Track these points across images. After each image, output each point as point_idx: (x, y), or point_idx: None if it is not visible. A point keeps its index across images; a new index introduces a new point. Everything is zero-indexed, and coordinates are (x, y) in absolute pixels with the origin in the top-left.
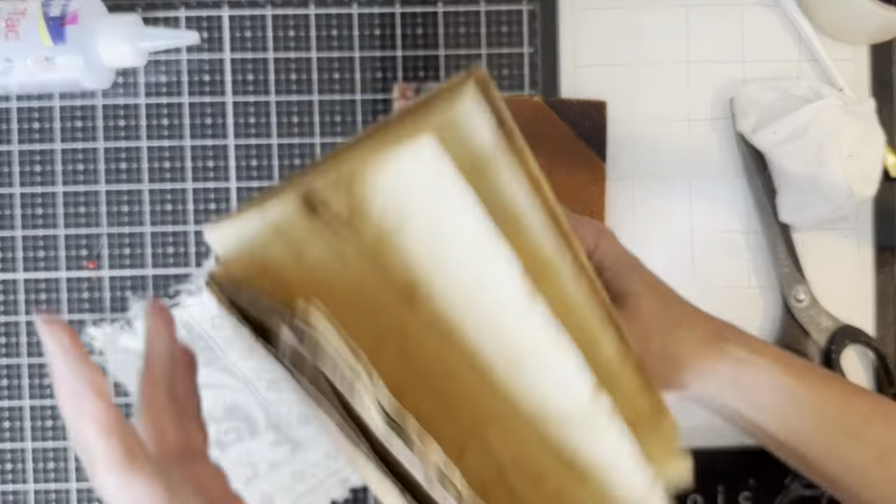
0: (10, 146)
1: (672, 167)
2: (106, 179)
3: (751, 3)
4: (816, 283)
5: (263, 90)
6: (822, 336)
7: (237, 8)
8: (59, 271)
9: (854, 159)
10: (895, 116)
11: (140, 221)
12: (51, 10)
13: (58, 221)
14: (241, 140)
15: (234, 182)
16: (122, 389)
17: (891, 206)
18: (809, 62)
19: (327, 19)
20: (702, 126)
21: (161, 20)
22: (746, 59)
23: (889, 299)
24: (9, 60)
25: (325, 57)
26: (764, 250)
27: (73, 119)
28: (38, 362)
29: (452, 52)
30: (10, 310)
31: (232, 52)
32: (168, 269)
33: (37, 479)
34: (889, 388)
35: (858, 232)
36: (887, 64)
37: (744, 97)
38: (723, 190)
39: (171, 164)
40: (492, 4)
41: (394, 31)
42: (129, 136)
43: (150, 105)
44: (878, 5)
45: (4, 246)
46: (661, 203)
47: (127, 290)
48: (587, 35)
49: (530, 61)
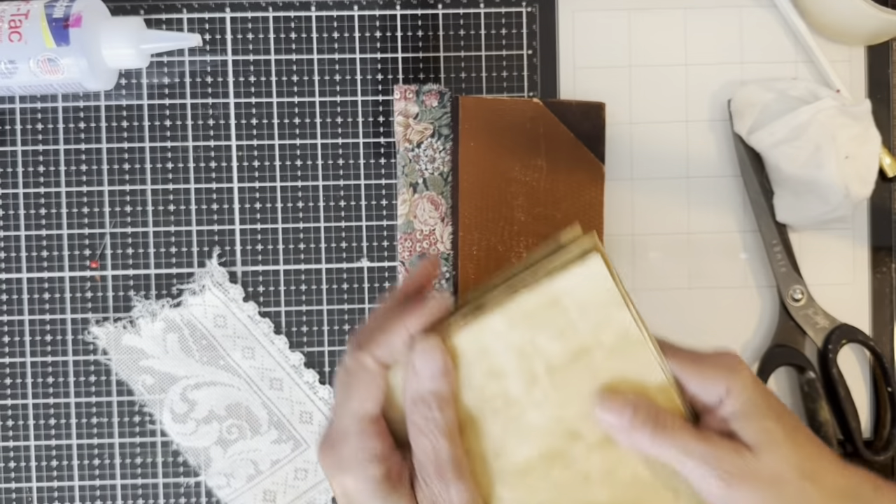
0: (14, 147)
1: (670, 168)
2: (109, 180)
3: (748, 6)
4: (813, 283)
5: (265, 92)
6: (818, 335)
7: (239, 10)
8: (63, 271)
9: (850, 160)
10: (891, 117)
11: (143, 222)
12: (54, 12)
13: (61, 221)
14: (243, 141)
15: (235, 183)
16: (125, 389)
17: (887, 207)
18: (806, 63)
19: (328, 21)
20: (699, 127)
21: (163, 22)
22: (744, 60)
23: (885, 298)
24: (12, 62)
25: (326, 59)
26: (761, 250)
27: (77, 120)
28: (40, 360)
29: (452, 53)
30: (14, 309)
31: (234, 54)
32: (171, 268)
33: (39, 478)
34: (885, 387)
35: (855, 232)
36: (883, 65)
37: (741, 98)
38: (720, 190)
39: (173, 165)
40: (491, 6)
41: (394, 33)
42: (131, 138)
43: (152, 106)
44: (875, 7)
45: (8, 245)
46: (660, 203)
47: (130, 289)
48: (586, 37)
49: (529, 63)
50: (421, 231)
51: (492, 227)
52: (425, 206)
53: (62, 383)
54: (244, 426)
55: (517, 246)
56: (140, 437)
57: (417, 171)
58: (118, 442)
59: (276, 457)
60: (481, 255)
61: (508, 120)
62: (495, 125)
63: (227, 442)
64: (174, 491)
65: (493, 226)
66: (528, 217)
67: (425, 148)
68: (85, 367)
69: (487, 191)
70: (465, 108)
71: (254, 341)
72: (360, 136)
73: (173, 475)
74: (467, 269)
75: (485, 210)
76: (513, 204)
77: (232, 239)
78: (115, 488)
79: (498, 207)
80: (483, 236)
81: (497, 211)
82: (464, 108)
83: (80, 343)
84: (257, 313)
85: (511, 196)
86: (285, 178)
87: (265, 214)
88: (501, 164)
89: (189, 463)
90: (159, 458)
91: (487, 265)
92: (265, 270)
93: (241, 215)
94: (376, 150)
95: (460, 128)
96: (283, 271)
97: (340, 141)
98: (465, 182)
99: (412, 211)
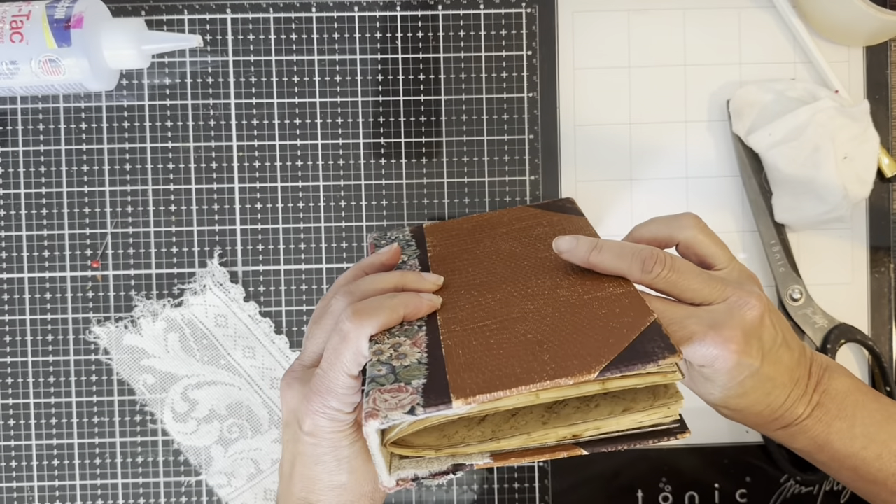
0: (16, 147)
1: (669, 168)
2: (110, 180)
3: (747, 7)
4: (812, 283)
5: (266, 92)
6: (817, 335)
7: (240, 11)
8: (64, 271)
9: (849, 160)
10: (890, 118)
11: (144, 222)
12: (55, 13)
13: (62, 221)
14: (244, 141)
15: (236, 183)
16: (126, 388)
17: (885, 207)
18: (805, 64)
19: (329, 22)
20: (698, 127)
21: (164, 23)
22: (742, 61)
23: (884, 298)
24: (13, 63)
25: (326, 59)
26: (760, 250)
27: (78, 121)
28: (42, 360)
29: (452, 54)
30: (16, 309)
31: (234, 55)
32: (171, 268)
33: (40, 478)
34: (884, 386)
35: (853, 232)
36: (882, 66)
37: (740, 99)
38: (719, 190)
39: (174, 165)
40: (491, 7)
41: (395, 34)
42: (132, 138)
43: (153, 107)
44: (873, 8)
45: (10, 245)
46: (659, 203)
47: (131, 289)
48: (585, 38)
49: (529, 64)
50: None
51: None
52: None
53: (63, 383)
54: (245, 425)
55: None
56: (141, 437)
57: None
58: (119, 441)
59: (276, 456)
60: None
61: (475, 222)
62: (462, 229)
63: (228, 441)
64: (175, 490)
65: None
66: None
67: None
68: (86, 367)
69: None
70: (430, 230)
71: (255, 341)
72: (361, 137)
73: (174, 474)
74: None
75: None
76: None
77: (233, 239)
78: (115, 487)
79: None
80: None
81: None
82: (429, 230)
83: (81, 343)
84: (258, 313)
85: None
86: (286, 178)
87: (266, 214)
88: (471, 245)
89: (190, 462)
90: (160, 458)
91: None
92: (266, 270)
93: (242, 215)
94: (376, 151)
95: (427, 243)
96: (283, 271)
97: (340, 141)
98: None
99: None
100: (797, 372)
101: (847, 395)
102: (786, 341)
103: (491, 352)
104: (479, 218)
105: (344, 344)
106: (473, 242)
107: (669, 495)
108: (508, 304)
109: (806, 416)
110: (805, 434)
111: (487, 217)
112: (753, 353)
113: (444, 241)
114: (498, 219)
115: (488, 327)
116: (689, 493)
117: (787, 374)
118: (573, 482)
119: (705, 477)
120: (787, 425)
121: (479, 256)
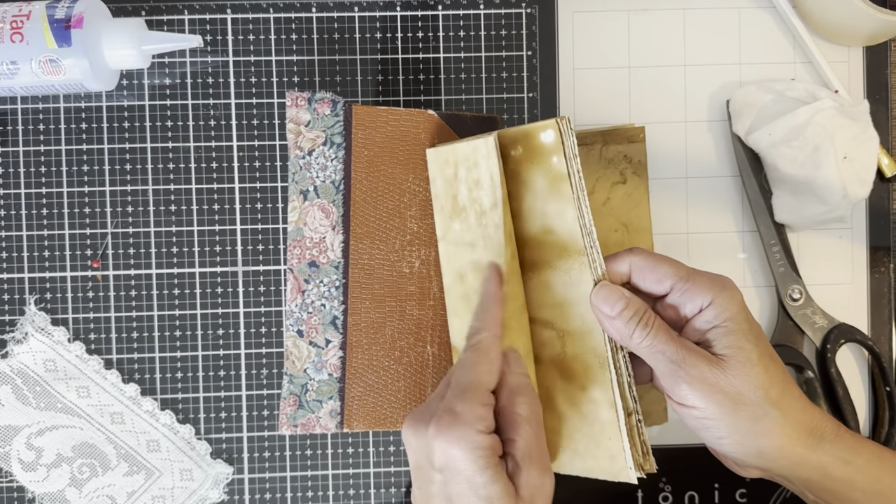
0: (16, 147)
1: (669, 168)
2: (110, 180)
3: (747, 7)
4: (812, 283)
5: (266, 92)
6: (817, 335)
7: (240, 11)
8: (64, 271)
9: (849, 161)
10: (890, 118)
11: (144, 222)
12: (55, 13)
13: (63, 222)
14: (244, 142)
15: (237, 183)
16: None
17: (885, 207)
18: (804, 64)
19: (329, 22)
20: (698, 128)
21: (165, 23)
22: (742, 61)
23: (883, 298)
24: (14, 63)
25: (326, 59)
26: (759, 250)
27: (78, 121)
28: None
29: (452, 54)
30: (16, 309)
31: (235, 55)
32: (172, 268)
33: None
34: (884, 386)
35: (853, 232)
36: (882, 66)
37: (740, 99)
38: (719, 190)
39: (174, 166)
40: (491, 8)
41: (395, 34)
42: (132, 138)
43: (153, 107)
44: (873, 8)
45: (10, 245)
46: (658, 203)
47: (131, 289)
48: (585, 38)
49: (528, 64)
50: (311, 238)
51: (384, 236)
52: (316, 214)
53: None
54: (94, 464)
55: (409, 256)
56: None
57: (308, 179)
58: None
59: (130, 488)
60: (373, 263)
61: (403, 130)
62: (389, 135)
63: (81, 482)
64: None
65: (385, 235)
66: (421, 227)
67: (317, 156)
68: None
69: (380, 200)
70: (358, 118)
71: (87, 380)
72: None
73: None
74: (358, 277)
75: (377, 219)
76: (405, 214)
77: (233, 239)
78: None
79: (390, 217)
80: (375, 245)
81: (389, 221)
82: (357, 117)
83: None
84: (85, 351)
85: (404, 206)
86: (286, 178)
87: (266, 215)
88: (395, 174)
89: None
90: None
91: (380, 274)
92: (266, 270)
93: (242, 215)
94: None
95: (353, 136)
96: (283, 271)
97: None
98: (358, 191)
99: (302, 218)
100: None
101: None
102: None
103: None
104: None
105: (481, 356)
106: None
107: (669, 495)
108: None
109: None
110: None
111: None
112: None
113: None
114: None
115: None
116: (689, 493)
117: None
118: (573, 481)
119: (705, 477)
120: (821, 436)
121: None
